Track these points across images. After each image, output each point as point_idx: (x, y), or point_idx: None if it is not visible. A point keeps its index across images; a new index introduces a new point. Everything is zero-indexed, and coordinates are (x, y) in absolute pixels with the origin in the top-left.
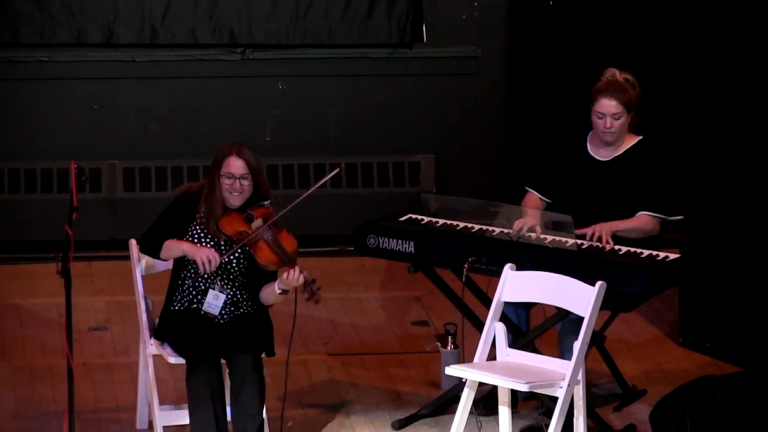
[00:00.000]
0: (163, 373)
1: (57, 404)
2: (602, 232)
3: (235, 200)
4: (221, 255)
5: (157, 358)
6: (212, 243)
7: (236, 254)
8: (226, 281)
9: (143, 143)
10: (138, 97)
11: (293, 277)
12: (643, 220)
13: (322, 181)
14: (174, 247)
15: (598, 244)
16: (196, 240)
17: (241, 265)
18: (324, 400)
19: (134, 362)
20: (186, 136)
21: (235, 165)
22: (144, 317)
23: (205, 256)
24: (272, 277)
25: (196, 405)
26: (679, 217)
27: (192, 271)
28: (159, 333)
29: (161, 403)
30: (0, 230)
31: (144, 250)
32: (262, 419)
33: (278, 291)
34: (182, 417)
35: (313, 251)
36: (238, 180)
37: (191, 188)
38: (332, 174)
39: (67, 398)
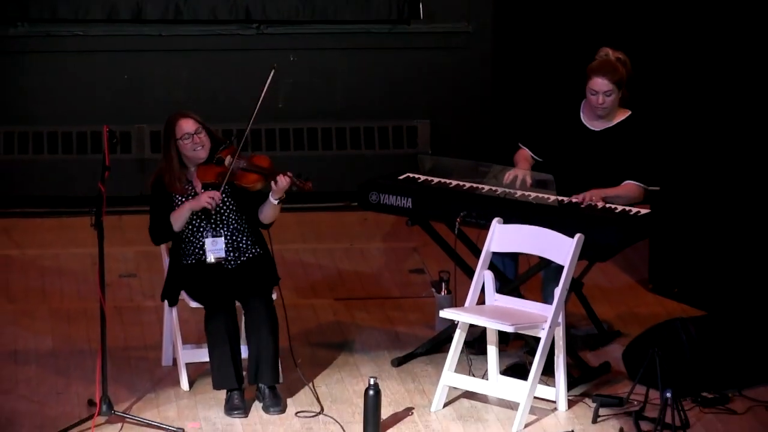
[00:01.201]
0: (186, 315)
1: (91, 343)
2: (593, 197)
3: (201, 153)
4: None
5: (180, 302)
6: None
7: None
8: (220, 225)
9: (168, 109)
10: (164, 68)
11: (280, 181)
12: (629, 188)
13: (265, 88)
14: (179, 215)
15: (579, 201)
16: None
17: (229, 203)
18: (330, 340)
19: (160, 306)
20: (207, 102)
21: (187, 124)
22: (168, 266)
23: (206, 197)
24: (263, 199)
25: (214, 346)
26: (657, 188)
27: (192, 225)
28: (174, 284)
29: (184, 342)
30: (39, 187)
31: (158, 240)
32: (276, 356)
33: (275, 201)
34: (203, 355)
35: (320, 206)
36: (195, 135)
37: (160, 171)
38: (270, 76)
39: (100, 338)
